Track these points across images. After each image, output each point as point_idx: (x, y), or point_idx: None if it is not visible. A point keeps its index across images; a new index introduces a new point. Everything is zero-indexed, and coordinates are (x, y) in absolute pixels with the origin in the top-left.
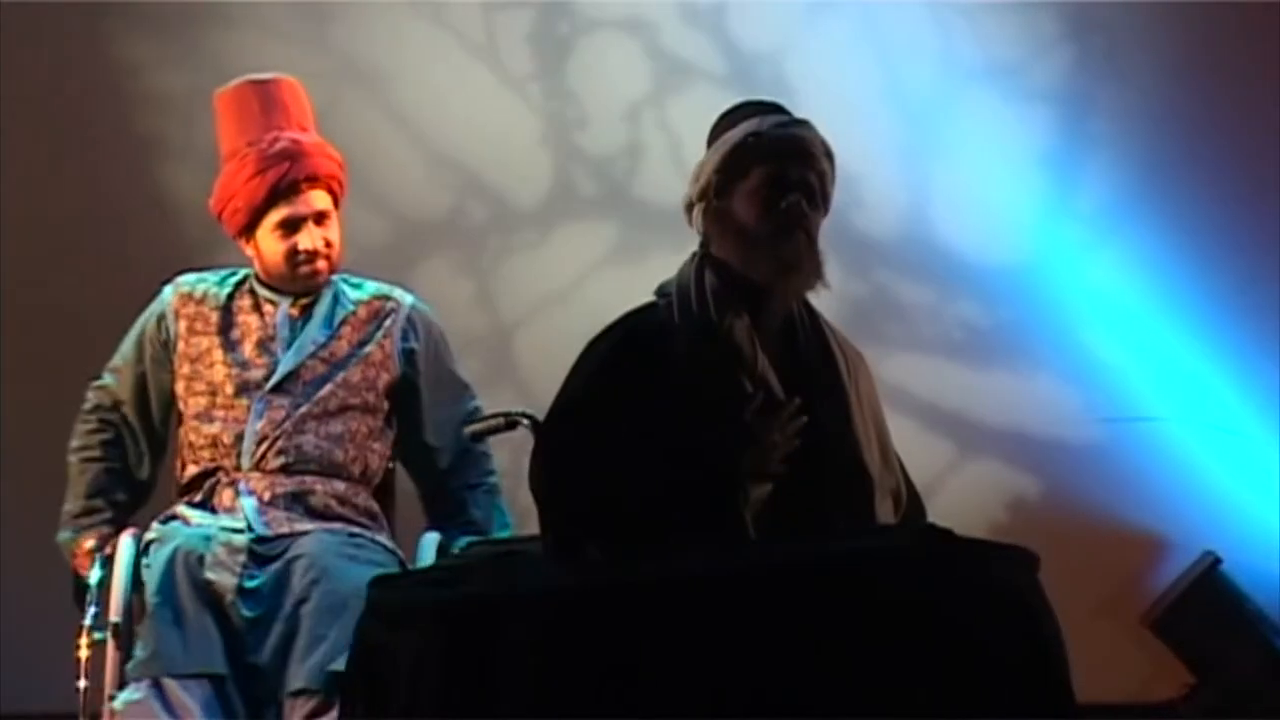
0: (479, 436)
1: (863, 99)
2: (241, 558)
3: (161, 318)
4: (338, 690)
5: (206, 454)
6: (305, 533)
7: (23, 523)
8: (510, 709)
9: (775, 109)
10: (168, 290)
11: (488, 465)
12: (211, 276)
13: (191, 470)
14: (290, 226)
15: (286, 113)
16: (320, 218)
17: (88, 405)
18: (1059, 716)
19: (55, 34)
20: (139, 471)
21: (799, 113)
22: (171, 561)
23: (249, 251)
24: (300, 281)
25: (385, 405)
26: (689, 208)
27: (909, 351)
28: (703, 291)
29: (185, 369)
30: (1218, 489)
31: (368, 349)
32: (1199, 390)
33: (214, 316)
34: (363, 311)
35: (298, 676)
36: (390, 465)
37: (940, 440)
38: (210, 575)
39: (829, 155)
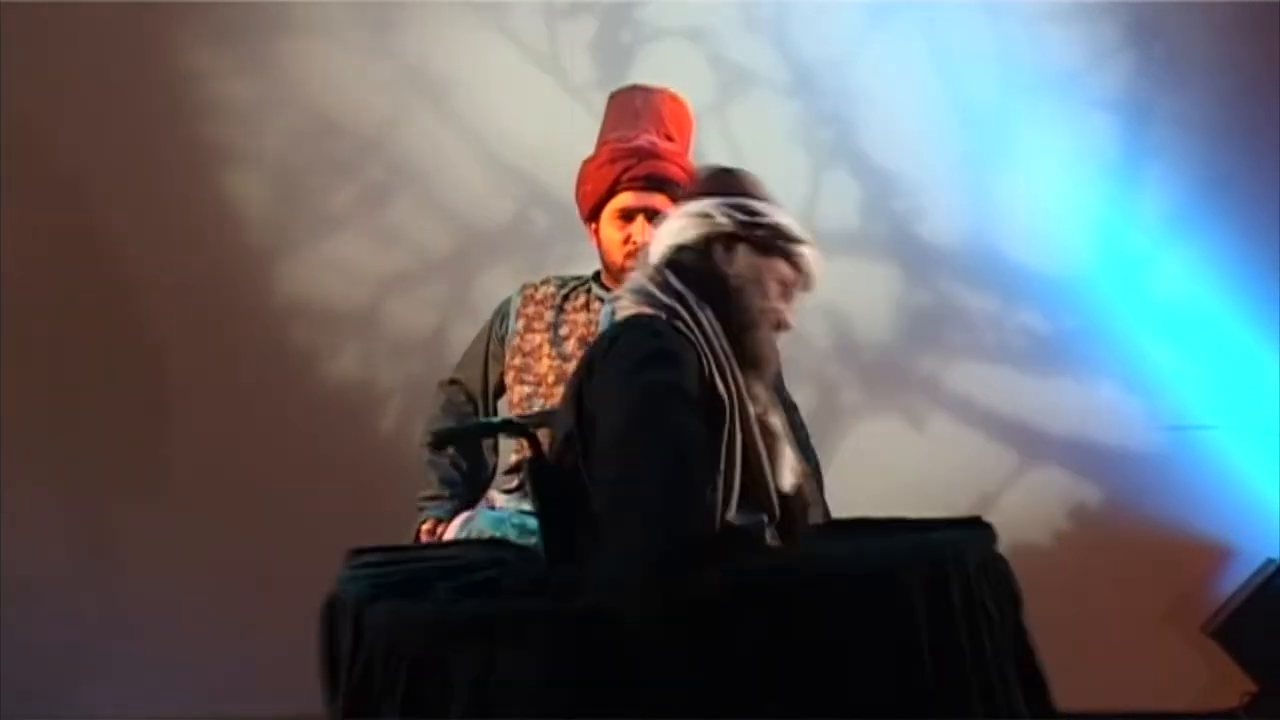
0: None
1: (924, 107)
2: (534, 539)
3: (504, 317)
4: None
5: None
6: None
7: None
8: None
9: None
10: (515, 294)
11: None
12: (555, 280)
13: (514, 457)
14: (627, 216)
15: (659, 120)
16: (654, 216)
17: (440, 400)
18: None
19: (122, 41)
20: (485, 459)
21: (860, 120)
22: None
23: (594, 241)
24: (623, 275)
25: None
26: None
27: (972, 360)
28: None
29: (516, 361)
30: None
31: None
32: (1261, 397)
33: (549, 315)
34: None
35: None
36: None
37: (1003, 448)
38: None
39: None
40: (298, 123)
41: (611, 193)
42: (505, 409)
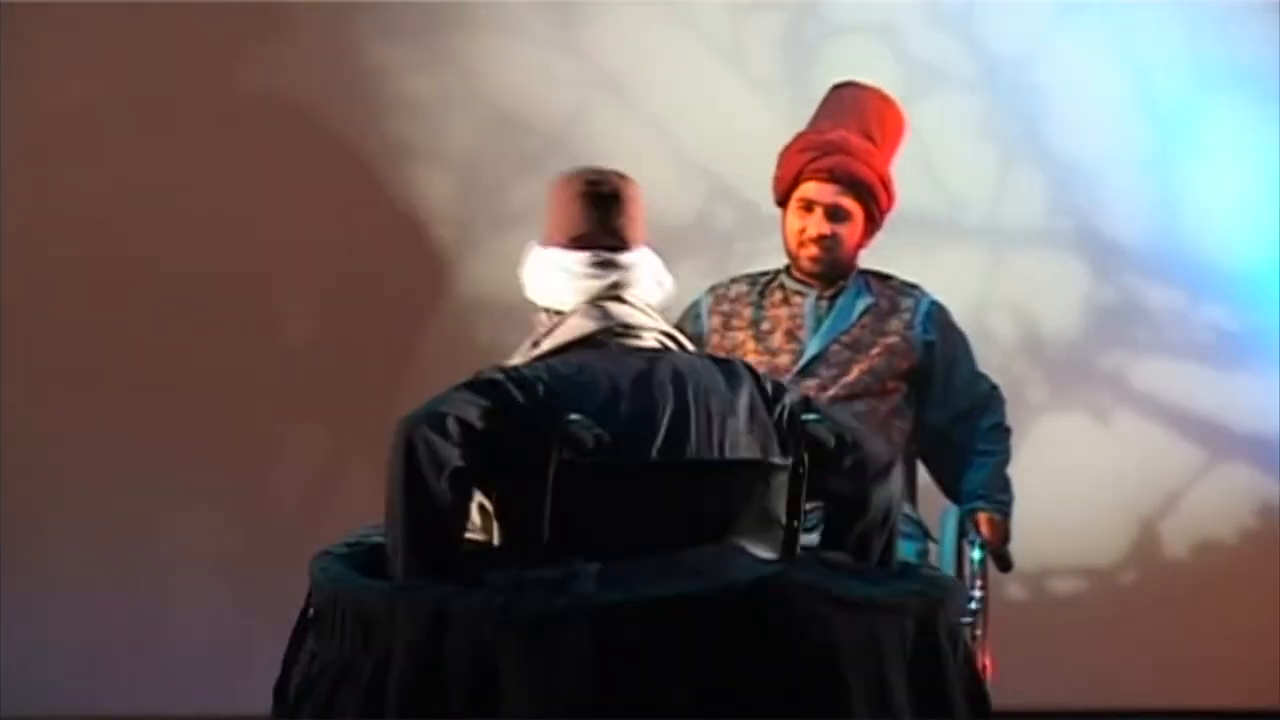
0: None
1: (1110, 102)
2: None
3: (695, 317)
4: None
5: None
6: None
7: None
8: None
9: None
10: (704, 295)
11: (996, 439)
12: (744, 279)
13: None
14: (808, 207)
15: (862, 118)
16: (834, 212)
17: None
18: None
19: (307, 36)
20: None
21: (1046, 115)
22: None
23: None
24: (800, 264)
25: (903, 388)
26: None
27: (1157, 356)
28: None
29: None
30: None
31: (888, 337)
32: None
33: (748, 312)
34: (884, 303)
35: None
36: (911, 444)
37: (1189, 445)
38: None
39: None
40: (480, 119)
41: (796, 181)
42: None
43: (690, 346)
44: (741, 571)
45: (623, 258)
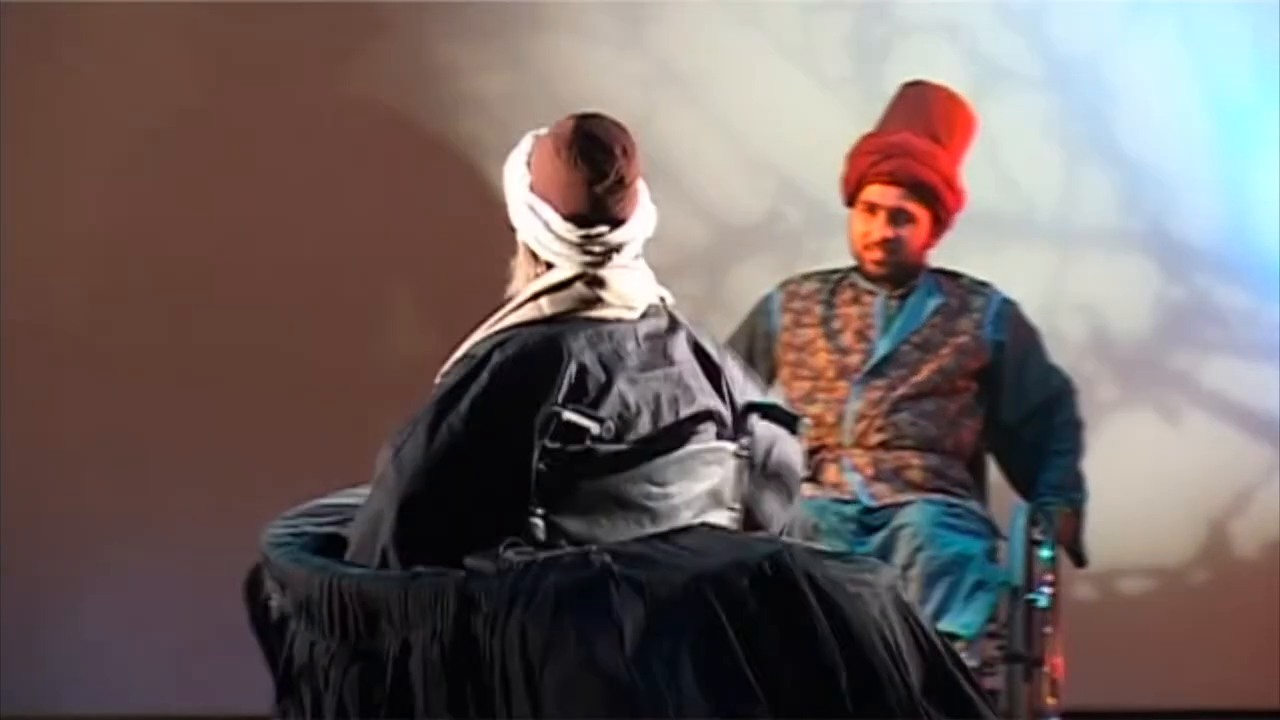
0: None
1: (1179, 101)
2: (851, 527)
3: (767, 314)
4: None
5: (811, 433)
6: (907, 503)
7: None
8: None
9: None
10: (775, 290)
11: (1069, 435)
12: (817, 275)
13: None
14: (870, 210)
15: (928, 119)
16: (896, 215)
17: None
18: None
19: (379, 34)
20: None
21: (1115, 115)
22: (789, 530)
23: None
24: (865, 266)
25: (974, 386)
26: None
27: (1228, 356)
28: None
29: (790, 356)
30: None
31: (958, 337)
32: None
33: (818, 310)
34: (955, 302)
35: None
36: (981, 441)
37: (1259, 445)
38: (825, 542)
39: None
40: (550, 118)
41: (860, 184)
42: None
43: (672, 312)
44: (744, 550)
45: (620, 233)
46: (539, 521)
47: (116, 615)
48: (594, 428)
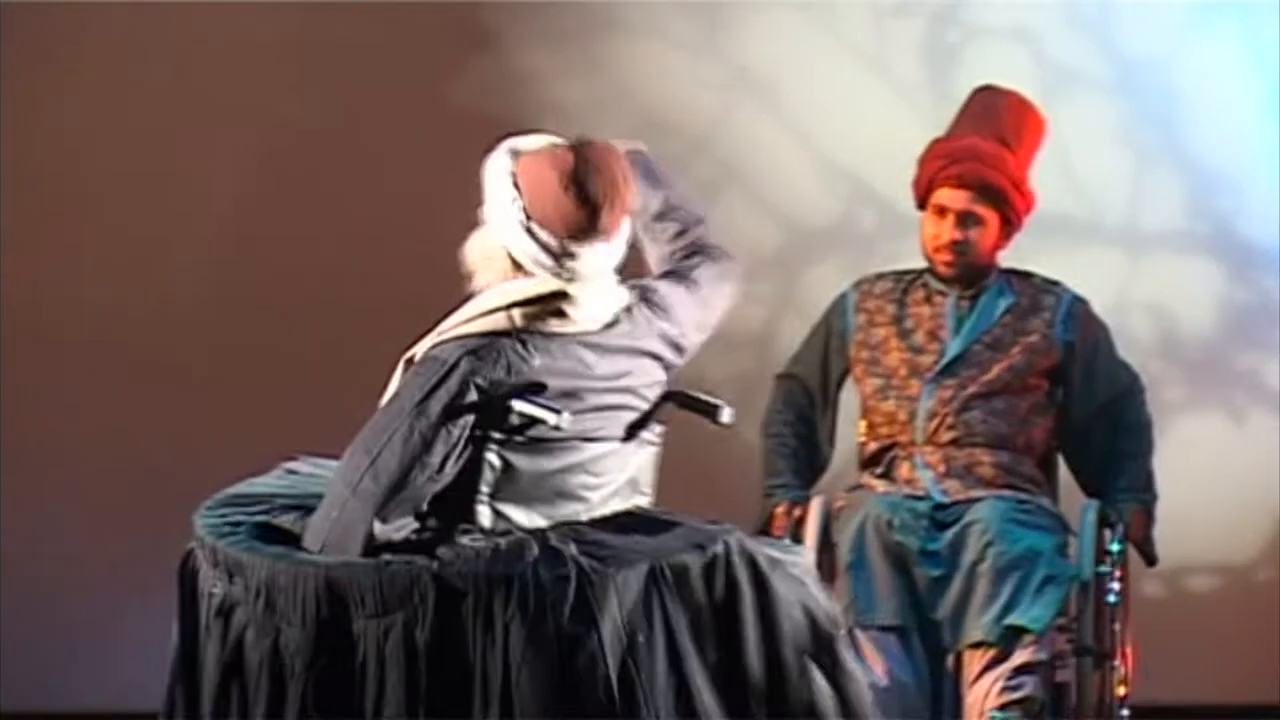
0: (683, 405)
1: (1246, 105)
2: (924, 522)
3: (842, 313)
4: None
5: (884, 430)
6: (978, 499)
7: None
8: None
9: None
10: (850, 290)
11: (1138, 434)
12: (891, 275)
13: (872, 446)
14: (939, 213)
15: (998, 124)
16: (965, 218)
17: (779, 393)
18: None
19: (455, 41)
20: (823, 449)
21: (1183, 119)
22: (863, 525)
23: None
24: (935, 269)
25: (1045, 385)
26: None
27: None
28: None
29: (864, 355)
30: None
31: (1029, 336)
32: None
33: (891, 309)
34: (1025, 302)
35: (975, 629)
36: (1053, 440)
37: None
38: (898, 538)
39: None
40: (629, 121)
41: (930, 188)
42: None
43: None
44: (698, 535)
45: (609, 248)
46: (485, 509)
47: (115, 609)
48: (551, 418)
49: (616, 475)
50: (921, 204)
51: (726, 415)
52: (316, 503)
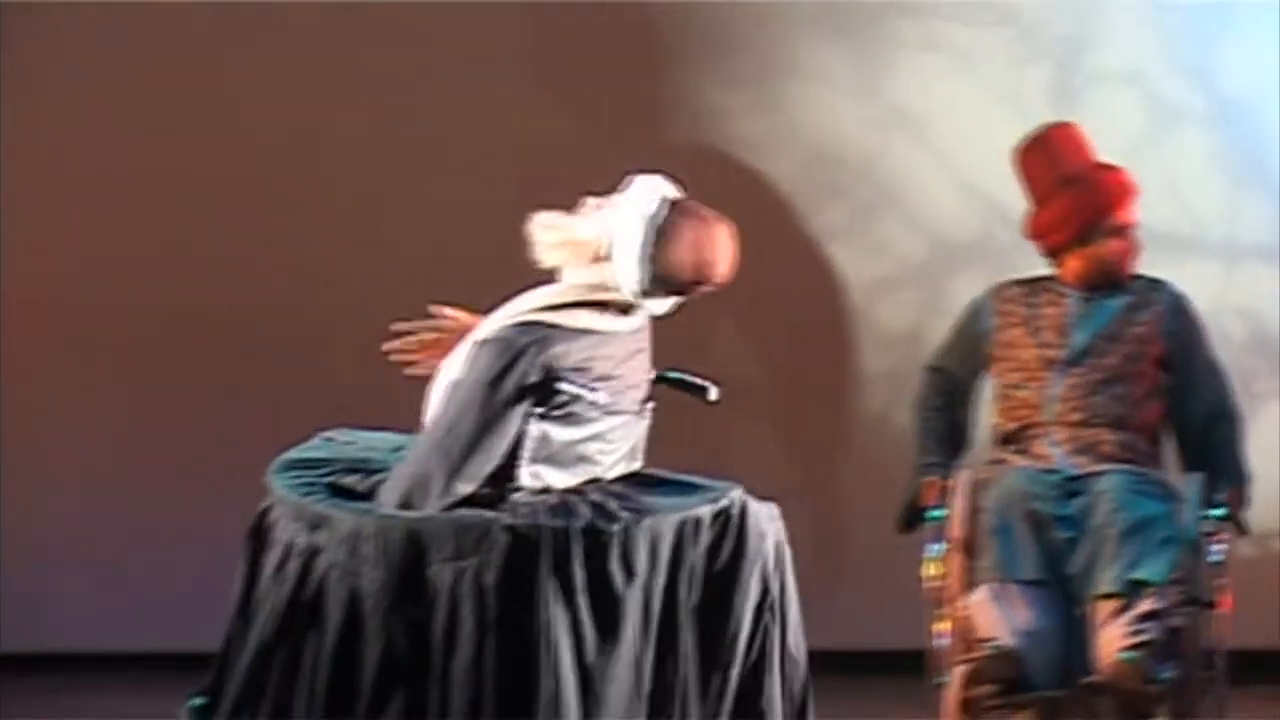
0: (670, 385)
1: None
2: (1056, 492)
3: (979, 314)
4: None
5: (1020, 413)
6: (1102, 472)
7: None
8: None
9: None
10: (987, 295)
11: (1231, 424)
12: (1020, 282)
13: (1010, 425)
14: (1118, 232)
15: (1082, 152)
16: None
17: (927, 380)
18: None
19: (628, 77)
20: (966, 430)
21: (1274, 145)
22: (1006, 494)
23: (1067, 261)
24: (1117, 276)
25: (1155, 371)
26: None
27: None
28: None
29: (1000, 352)
30: None
31: (1140, 329)
32: None
33: (1022, 310)
34: (1136, 299)
35: (1104, 582)
36: (1161, 420)
37: None
38: (1036, 505)
39: None
40: (801, 155)
41: (1107, 212)
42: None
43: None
44: (712, 493)
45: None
46: (525, 471)
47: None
48: (590, 396)
49: (623, 444)
50: (1087, 232)
51: (714, 394)
52: (368, 466)
